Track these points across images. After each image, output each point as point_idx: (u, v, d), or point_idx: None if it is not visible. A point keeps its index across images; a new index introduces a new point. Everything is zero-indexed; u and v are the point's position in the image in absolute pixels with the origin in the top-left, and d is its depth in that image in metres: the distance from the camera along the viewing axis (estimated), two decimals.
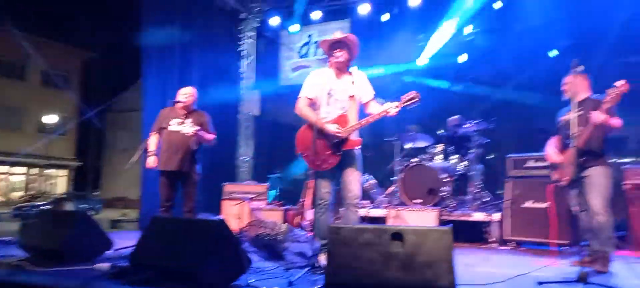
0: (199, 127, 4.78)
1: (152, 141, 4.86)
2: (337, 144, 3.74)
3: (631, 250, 4.79)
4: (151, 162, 4.79)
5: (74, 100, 24.45)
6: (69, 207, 15.65)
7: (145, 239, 3.50)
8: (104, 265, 3.51)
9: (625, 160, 6.12)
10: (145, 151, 4.77)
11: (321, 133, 3.70)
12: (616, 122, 3.74)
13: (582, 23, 6.72)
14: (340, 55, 3.84)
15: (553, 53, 6.96)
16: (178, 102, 4.84)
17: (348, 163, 3.81)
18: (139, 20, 7.23)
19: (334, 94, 3.83)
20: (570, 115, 4.02)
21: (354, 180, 3.81)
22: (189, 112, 4.87)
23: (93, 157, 27.44)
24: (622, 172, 5.03)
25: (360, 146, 3.86)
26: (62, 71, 25.13)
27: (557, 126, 4.26)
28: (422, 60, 8.07)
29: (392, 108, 3.68)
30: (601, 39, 6.45)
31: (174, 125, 4.80)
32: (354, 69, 3.96)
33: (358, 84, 3.90)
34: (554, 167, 4.22)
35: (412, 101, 3.66)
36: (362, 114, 3.89)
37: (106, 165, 27.39)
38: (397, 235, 2.73)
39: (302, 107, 3.84)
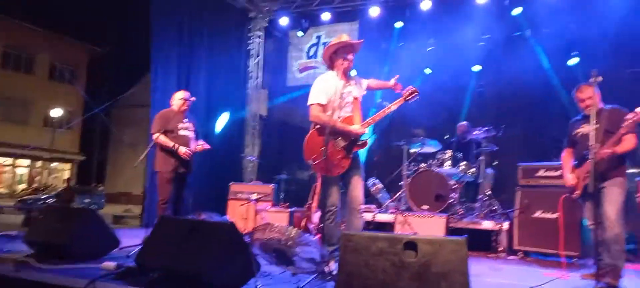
0: (196, 136, 5.03)
1: (165, 139, 4.82)
2: (349, 146, 3.71)
3: None
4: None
5: (79, 95, 24.52)
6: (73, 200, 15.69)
7: (152, 239, 3.46)
8: (111, 264, 3.47)
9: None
10: (154, 147, 4.80)
11: (334, 136, 3.66)
12: (627, 146, 3.67)
13: (590, 31, 6.67)
14: (352, 58, 3.83)
15: (573, 61, 6.82)
16: (182, 103, 4.98)
17: (355, 167, 3.80)
18: (149, 16, 7.21)
19: (345, 97, 3.81)
20: (587, 128, 3.92)
21: (359, 185, 3.80)
22: (186, 116, 5.04)
23: (97, 152, 27.49)
24: (635, 183, 4.96)
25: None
26: (69, 65, 25.22)
27: (570, 138, 4.17)
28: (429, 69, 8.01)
29: (394, 104, 3.75)
30: (609, 48, 6.36)
31: (183, 129, 4.92)
32: (355, 75, 4.01)
33: (360, 87, 3.94)
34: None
35: (413, 96, 3.71)
36: (364, 116, 3.88)
37: (111, 160, 27.45)
38: (411, 245, 2.67)
39: (317, 113, 3.77)
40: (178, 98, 5.03)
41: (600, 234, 3.81)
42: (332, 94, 3.78)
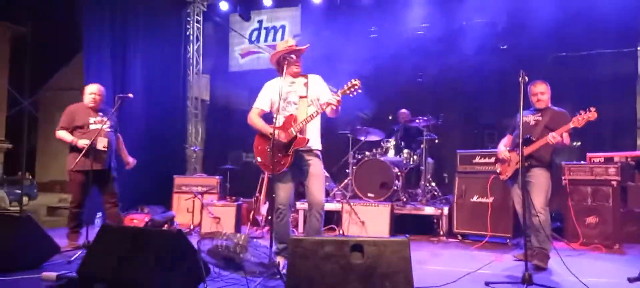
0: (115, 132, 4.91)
1: (64, 134, 4.72)
2: (286, 145, 3.73)
3: (567, 241, 5.16)
4: (73, 160, 4.64)
5: (2, 78, 22.68)
6: (1, 193, 14.72)
7: (94, 249, 3.35)
8: (51, 275, 3.34)
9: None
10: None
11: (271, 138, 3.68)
12: (567, 140, 3.97)
13: (518, 20, 7.06)
14: (299, 61, 3.86)
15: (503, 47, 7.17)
16: (92, 98, 4.84)
17: (305, 166, 3.78)
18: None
19: (288, 97, 3.82)
20: (530, 118, 4.22)
21: (317, 186, 3.78)
22: (100, 109, 4.88)
23: (27, 138, 25.64)
24: (561, 167, 5.36)
25: (316, 147, 3.85)
26: None
27: (512, 124, 4.42)
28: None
29: (333, 98, 3.61)
30: (535, 35, 6.74)
31: (95, 124, 4.74)
32: (310, 75, 3.96)
33: (313, 86, 3.90)
34: (498, 160, 4.43)
35: (354, 87, 3.61)
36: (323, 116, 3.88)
37: (41, 146, 25.76)
38: (357, 247, 2.77)
39: (252, 117, 3.92)
40: (88, 93, 4.86)
41: (527, 218, 4.12)
42: (275, 97, 3.83)
